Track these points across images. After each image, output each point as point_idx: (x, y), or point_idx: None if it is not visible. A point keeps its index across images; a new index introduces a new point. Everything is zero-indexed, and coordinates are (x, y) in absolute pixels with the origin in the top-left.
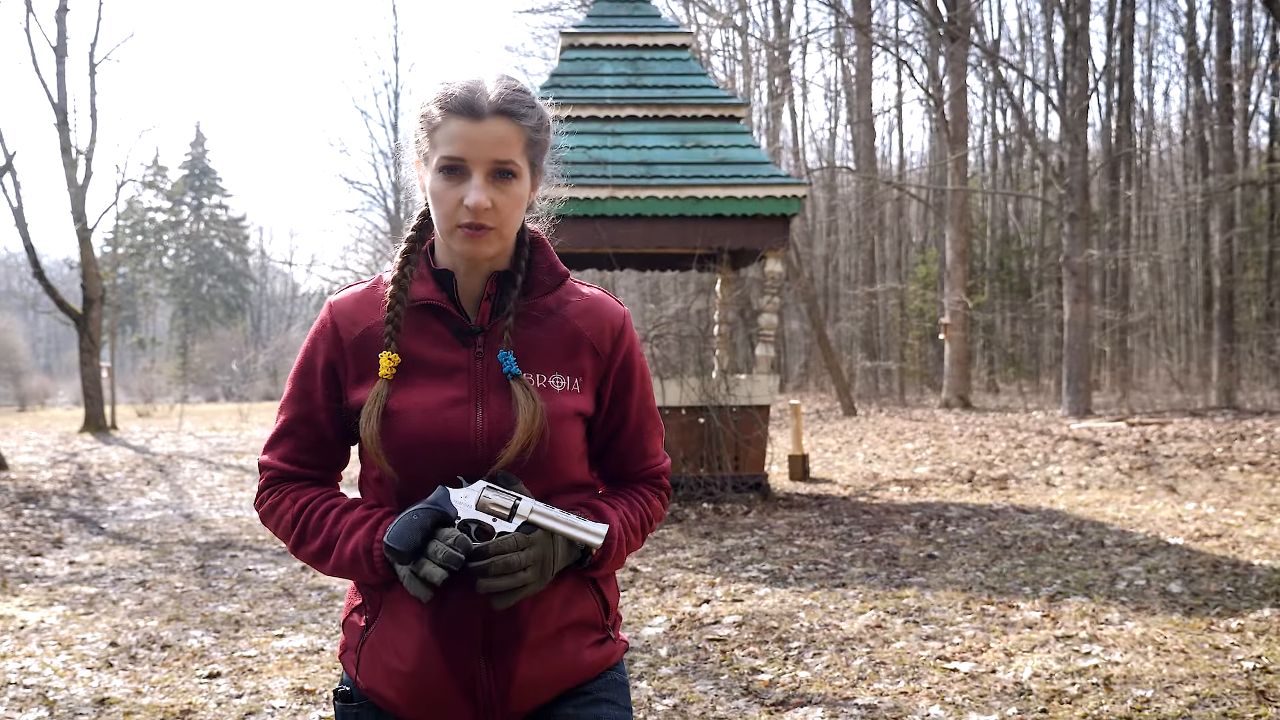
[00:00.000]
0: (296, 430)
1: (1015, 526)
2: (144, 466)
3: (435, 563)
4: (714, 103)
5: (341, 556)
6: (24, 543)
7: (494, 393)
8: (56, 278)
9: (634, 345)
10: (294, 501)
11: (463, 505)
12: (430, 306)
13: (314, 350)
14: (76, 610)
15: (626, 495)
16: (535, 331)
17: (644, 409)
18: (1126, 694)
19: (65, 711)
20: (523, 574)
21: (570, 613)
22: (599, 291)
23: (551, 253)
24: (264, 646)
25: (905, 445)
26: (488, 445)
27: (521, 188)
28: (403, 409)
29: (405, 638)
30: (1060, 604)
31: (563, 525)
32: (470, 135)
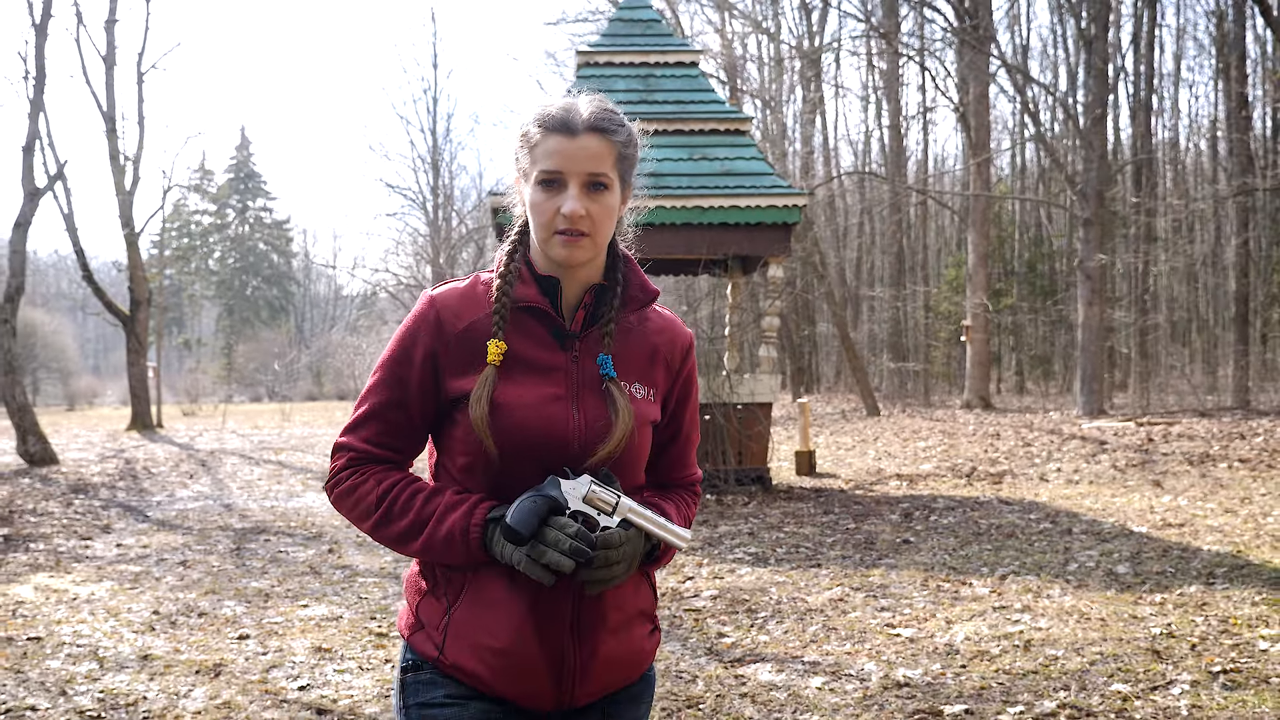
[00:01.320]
0: (385, 415)
1: (994, 516)
2: (187, 462)
3: (561, 552)
4: (720, 117)
5: (434, 537)
6: (75, 528)
7: (589, 394)
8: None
9: (694, 364)
10: (379, 483)
11: (572, 497)
12: (532, 309)
13: (413, 339)
14: (123, 585)
15: (673, 498)
16: (623, 343)
17: (693, 423)
18: (1040, 653)
19: (113, 664)
20: (617, 567)
21: (636, 601)
22: (670, 313)
23: (641, 272)
24: (289, 615)
25: (918, 444)
26: (583, 442)
27: (613, 199)
28: (506, 402)
29: (497, 617)
30: (1010, 582)
31: (655, 526)
32: (566, 150)
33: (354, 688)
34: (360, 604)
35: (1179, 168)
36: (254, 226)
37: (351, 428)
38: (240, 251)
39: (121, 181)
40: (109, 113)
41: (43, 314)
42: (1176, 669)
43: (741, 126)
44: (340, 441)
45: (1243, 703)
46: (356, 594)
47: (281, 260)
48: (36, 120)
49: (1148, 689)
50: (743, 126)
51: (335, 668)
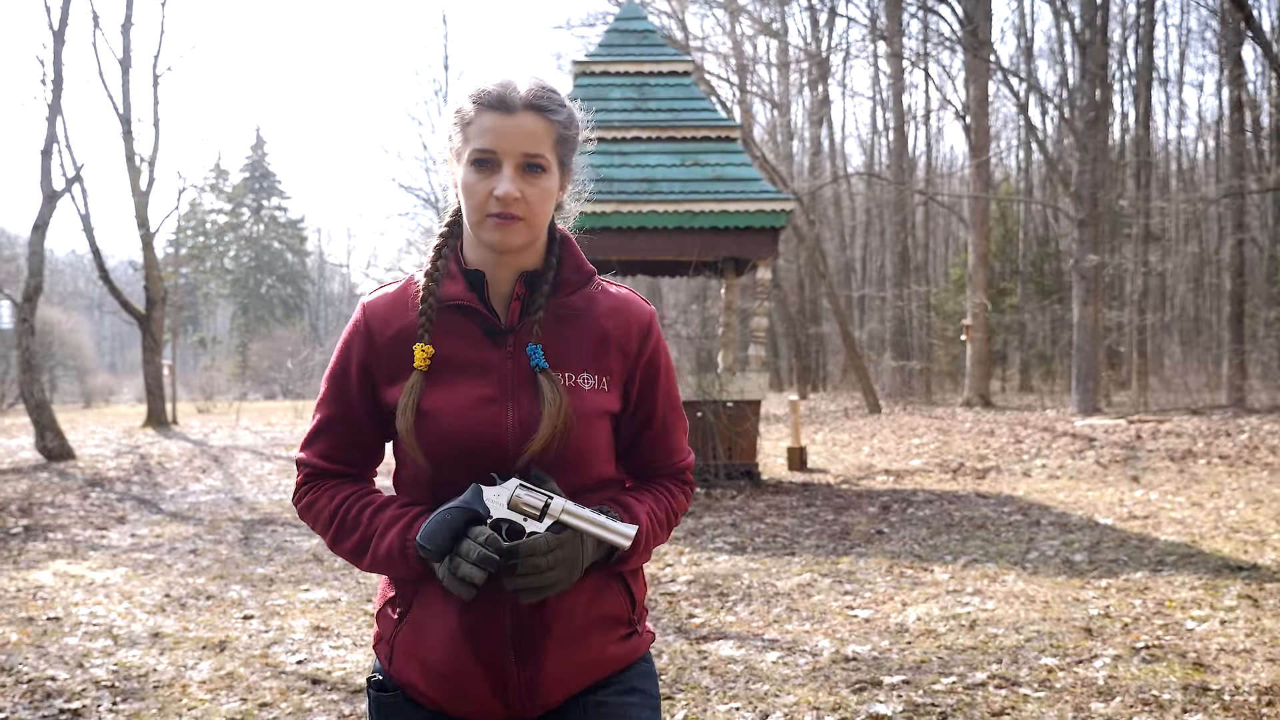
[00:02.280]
0: (333, 428)
1: (968, 509)
2: (200, 457)
3: (470, 562)
4: (712, 125)
5: (377, 553)
6: (92, 519)
7: (525, 392)
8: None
9: (660, 344)
10: (331, 498)
11: (495, 504)
12: (461, 306)
13: (348, 351)
14: (136, 571)
15: (653, 490)
16: (564, 331)
17: (669, 406)
18: (982, 631)
19: (126, 641)
20: (550, 574)
21: (597, 607)
22: (627, 290)
23: (578, 251)
24: (291, 597)
25: (913, 440)
26: (519, 444)
27: (550, 182)
28: (436, 409)
29: (437, 631)
30: (969, 569)
31: (592, 526)
32: (501, 128)
33: (347, 661)
34: (358, 588)
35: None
36: (269, 225)
37: (306, 442)
38: (255, 250)
39: (137, 183)
40: (125, 115)
41: (60, 312)
42: (1104, 645)
43: (732, 134)
44: (299, 457)
45: (1154, 673)
46: (355, 579)
47: (296, 259)
48: (54, 124)
49: (1073, 662)
50: (733, 134)
51: (331, 644)
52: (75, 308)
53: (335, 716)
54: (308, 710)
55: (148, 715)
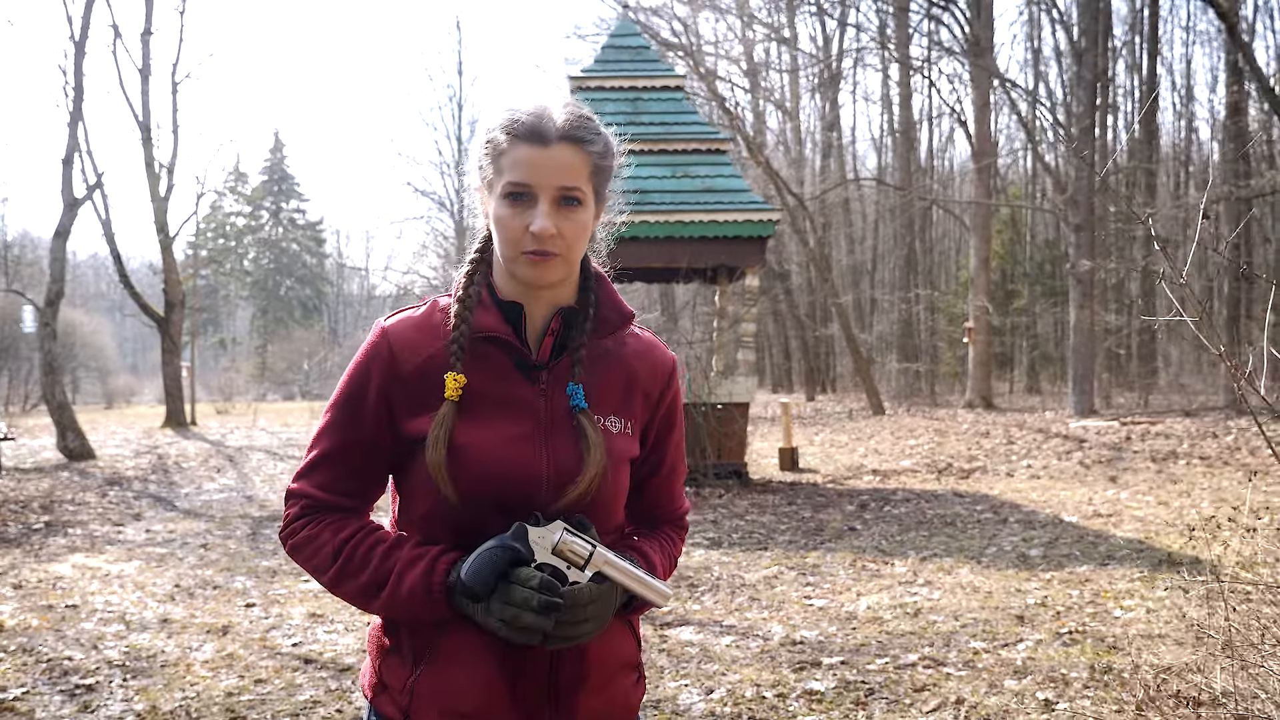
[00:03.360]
0: (339, 459)
1: (942, 507)
2: (216, 457)
3: (533, 610)
4: (702, 138)
5: (396, 595)
6: (109, 516)
7: (559, 431)
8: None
9: (679, 392)
10: (335, 534)
11: (539, 547)
12: (494, 339)
13: (366, 375)
14: (150, 564)
15: (658, 538)
16: (595, 372)
17: (678, 453)
18: (923, 619)
19: (138, 626)
20: (585, 625)
21: (619, 653)
22: (650, 335)
23: (615, 291)
24: (291, 588)
25: (909, 441)
26: (552, 485)
27: (586, 214)
28: (469, 444)
29: (470, 677)
30: (928, 562)
31: (632, 581)
32: (536, 161)
33: (338, 644)
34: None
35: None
36: (287, 228)
37: (304, 472)
38: (274, 252)
39: (156, 188)
40: (144, 122)
41: (82, 314)
42: (1032, 631)
43: (721, 146)
44: (293, 488)
45: (1068, 655)
46: None
47: (314, 261)
48: (75, 133)
49: (999, 646)
50: (722, 146)
51: (325, 629)
52: (97, 310)
53: (323, 690)
54: (298, 685)
55: (155, 690)
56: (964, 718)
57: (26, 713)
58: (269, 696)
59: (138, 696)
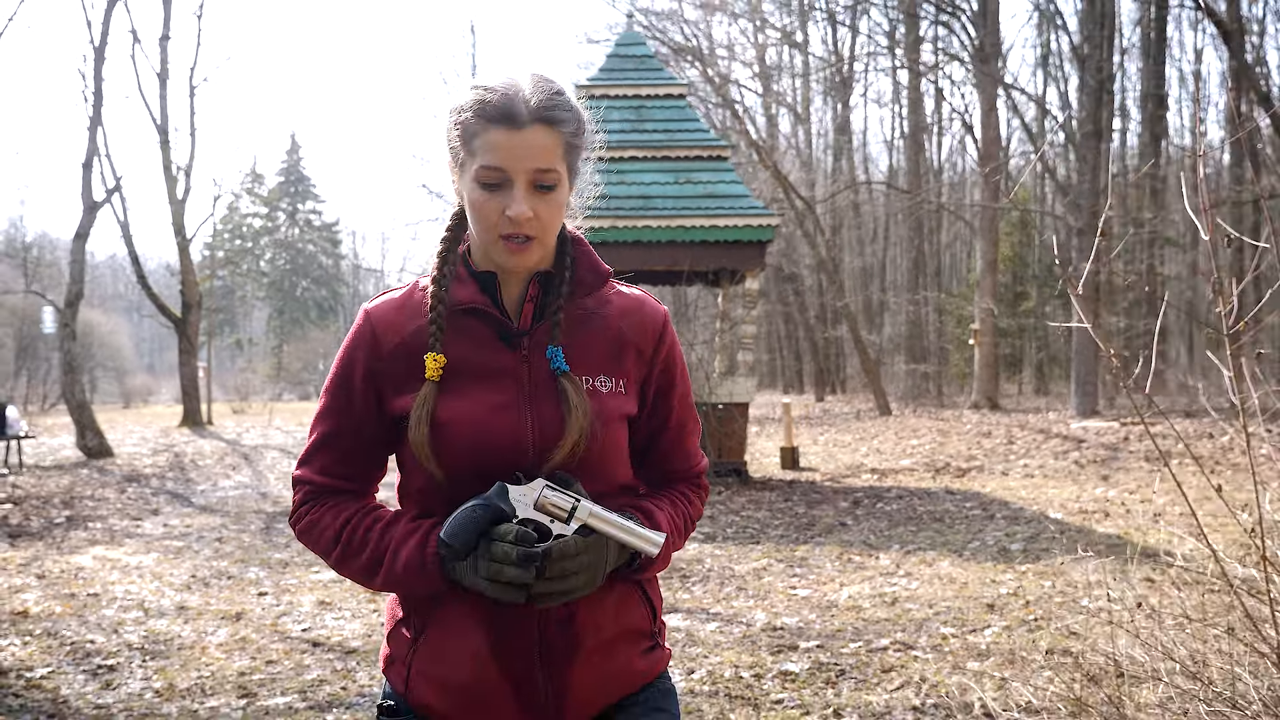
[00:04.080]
0: (335, 443)
1: (933, 504)
2: (231, 455)
3: (513, 564)
4: (704, 144)
5: (394, 570)
6: (128, 511)
7: (543, 397)
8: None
9: (675, 345)
10: (335, 516)
11: (521, 504)
12: (473, 310)
13: (352, 360)
14: (167, 556)
15: (669, 495)
16: (578, 333)
17: (684, 408)
18: (900, 607)
19: (156, 613)
20: (574, 579)
21: (622, 619)
22: (639, 292)
23: (592, 252)
24: (302, 578)
25: (911, 441)
26: (538, 451)
27: (562, 194)
28: (451, 419)
29: (460, 648)
30: (911, 556)
31: (620, 531)
32: (509, 145)
33: (345, 630)
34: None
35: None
36: (304, 229)
37: (305, 459)
38: (290, 254)
39: (174, 191)
40: (162, 125)
41: (100, 315)
42: (1000, 618)
43: (723, 153)
44: (296, 474)
45: (1030, 640)
46: None
47: (330, 262)
48: (95, 137)
49: (967, 631)
50: (724, 153)
51: (333, 616)
52: (115, 310)
53: (329, 670)
54: (306, 666)
55: (172, 670)
56: (924, 694)
57: (52, 690)
58: (279, 675)
59: (156, 675)
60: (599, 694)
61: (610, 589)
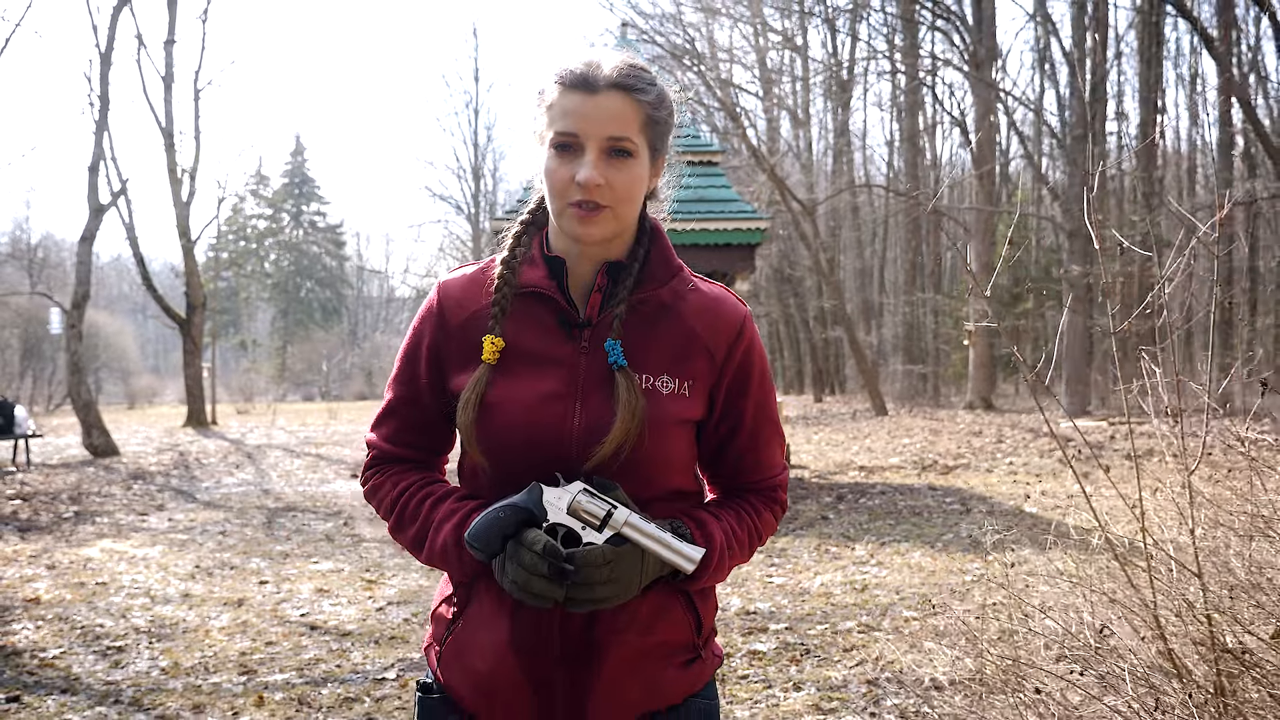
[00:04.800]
0: (401, 411)
1: (914, 499)
2: (235, 454)
3: (542, 576)
4: (695, 150)
5: (434, 548)
6: (134, 506)
7: (596, 391)
8: (163, 282)
9: (754, 347)
10: (395, 485)
11: (553, 507)
12: (538, 294)
13: (420, 332)
14: (172, 548)
15: (736, 506)
16: (647, 329)
17: (761, 416)
18: (868, 593)
19: (161, 600)
20: (602, 588)
21: (657, 629)
22: (719, 288)
23: (668, 244)
24: (302, 568)
25: (903, 440)
26: (582, 446)
27: (639, 168)
28: (499, 401)
29: (485, 637)
30: (886, 547)
31: (654, 544)
32: (584, 109)
33: (342, 615)
34: (359, 561)
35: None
36: (308, 230)
37: (377, 423)
38: (294, 255)
39: (179, 194)
40: (167, 129)
41: (105, 316)
42: (961, 603)
43: (714, 158)
44: (368, 438)
45: (984, 620)
46: (359, 555)
47: (334, 263)
48: (101, 141)
49: (928, 615)
50: (714, 158)
51: (330, 602)
52: (120, 311)
53: (325, 650)
54: (304, 647)
55: (177, 650)
56: (879, 669)
57: (64, 668)
58: (277, 655)
59: (162, 655)
60: (622, 708)
61: (644, 598)
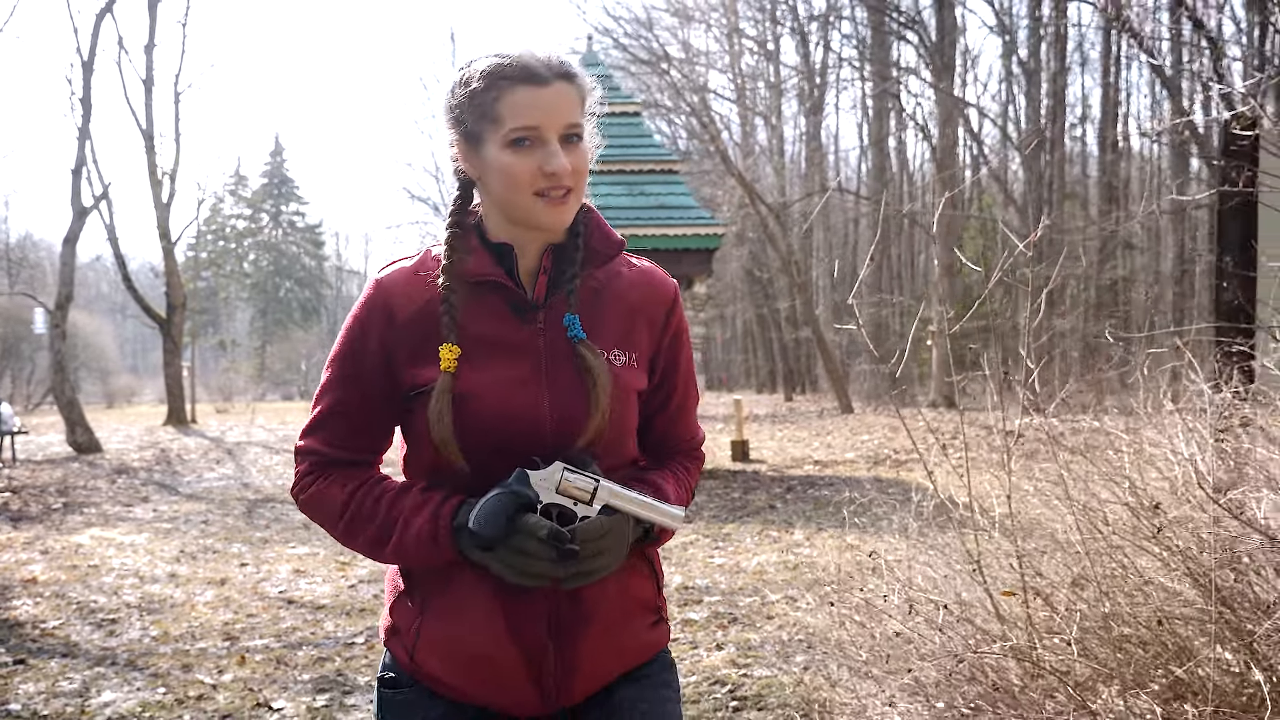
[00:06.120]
0: (343, 414)
1: (859, 490)
2: (215, 450)
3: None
4: (656, 159)
5: (403, 541)
6: (119, 499)
7: (560, 370)
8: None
9: (683, 319)
10: (342, 488)
11: (542, 489)
12: (487, 282)
13: (363, 330)
14: (158, 535)
15: (671, 468)
16: (592, 307)
17: (688, 381)
18: (798, 570)
19: (150, 579)
20: (600, 559)
21: (630, 592)
22: (649, 263)
23: (604, 222)
24: (280, 552)
25: (862, 437)
26: (556, 427)
27: (589, 150)
28: (466, 393)
29: (471, 619)
30: (823, 531)
31: (642, 509)
32: (539, 102)
33: (316, 592)
34: (334, 546)
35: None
36: (287, 230)
37: (311, 429)
38: (273, 255)
39: (159, 195)
40: (148, 131)
41: (85, 316)
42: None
43: (673, 167)
44: (300, 445)
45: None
46: (333, 541)
47: (313, 263)
48: (84, 147)
49: (847, 590)
50: (674, 167)
51: (306, 581)
52: (98, 311)
53: (301, 620)
54: (282, 618)
55: (165, 621)
56: (794, 632)
57: (64, 637)
58: (257, 625)
59: (152, 626)
60: (605, 667)
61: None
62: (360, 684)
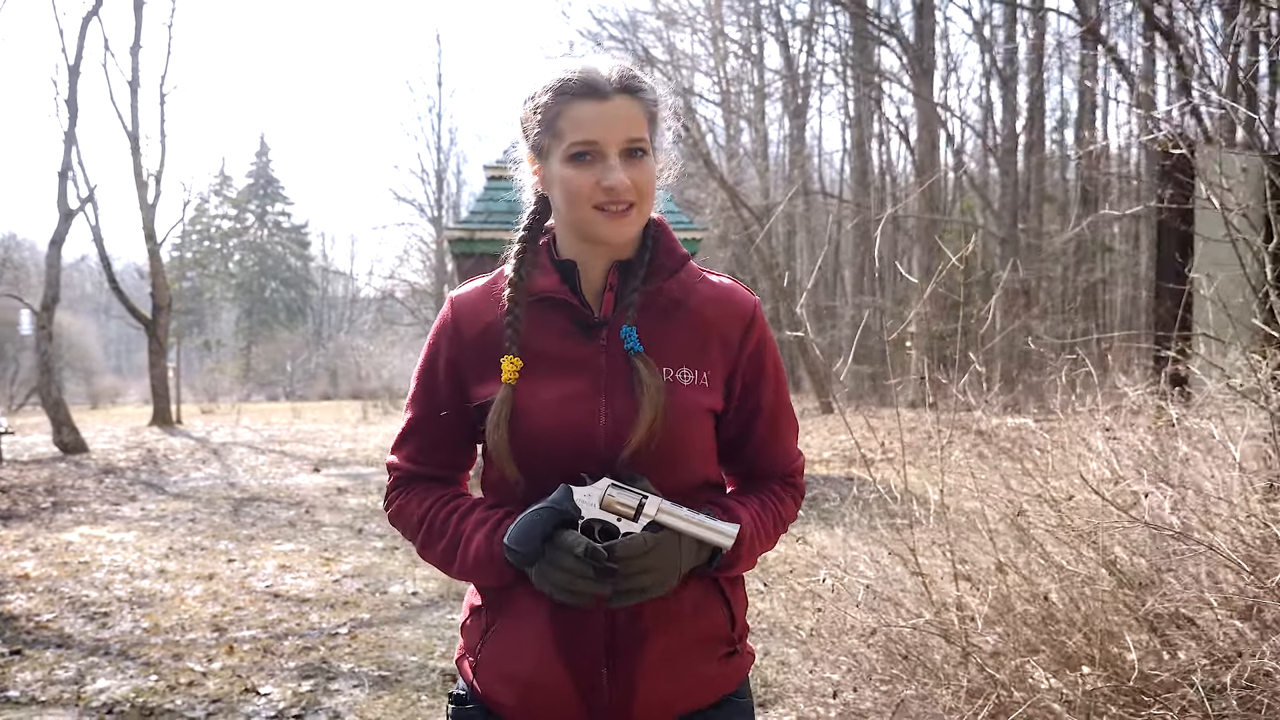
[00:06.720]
0: (421, 429)
1: (831, 488)
2: (201, 450)
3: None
4: None
5: (466, 560)
6: (107, 498)
7: (620, 386)
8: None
9: (766, 336)
10: (420, 503)
11: (586, 504)
12: (552, 299)
13: (436, 348)
14: (146, 533)
15: (759, 494)
16: (662, 323)
17: (777, 404)
18: (766, 563)
19: (139, 575)
20: (645, 577)
21: (697, 623)
22: (728, 280)
23: (672, 236)
24: (266, 549)
25: (840, 436)
26: (612, 442)
27: (653, 165)
28: (525, 407)
29: (525, 642)
30: (791, 528)
31: (690, 525)
32: (600, 117)
33: (302, 586)
34: (319, 543)
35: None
36: (272, 231)
37: (397, 445)
38: (259, 255)
39: (145, 196)
40: (134, 132)
41: (69, 316)
42: (834, 567)
43: None
44: (389, 461)
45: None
46: (319, 537)
47: (299, 264)
48: (70, 150)
49: (798, 578)
50: None
51: (292, 576)
52: (83, 312)
53: (287, 613)
54: (268, 611)
55: (156, 614)
56: (757, 622)
57: (57, 629)
58: (245, 617)
59: (143, 618)
60: (666, 702)
61: (684, 589)
62: (343, 671)
